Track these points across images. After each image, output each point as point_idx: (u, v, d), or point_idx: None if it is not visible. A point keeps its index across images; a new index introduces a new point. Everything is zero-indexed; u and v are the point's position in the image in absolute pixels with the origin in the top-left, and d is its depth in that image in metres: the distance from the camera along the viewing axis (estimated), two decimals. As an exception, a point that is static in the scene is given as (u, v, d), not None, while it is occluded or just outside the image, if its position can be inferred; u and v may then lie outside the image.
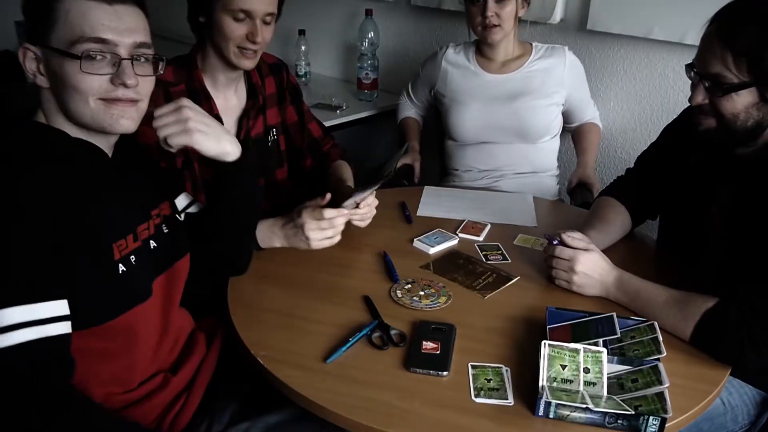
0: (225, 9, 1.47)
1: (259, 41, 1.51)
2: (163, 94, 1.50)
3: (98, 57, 0.98)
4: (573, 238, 1.33)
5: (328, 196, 1.41)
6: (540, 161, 2.09)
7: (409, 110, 2.33)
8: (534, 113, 2.01)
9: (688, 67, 1.26)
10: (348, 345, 1.17)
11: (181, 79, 1.55)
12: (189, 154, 1.57)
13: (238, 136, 1.64)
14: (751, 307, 1.13)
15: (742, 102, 1.18)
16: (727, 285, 1.18)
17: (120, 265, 1.03)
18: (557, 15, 2.28)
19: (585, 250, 1.32)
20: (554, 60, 2.04)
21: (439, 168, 2.29)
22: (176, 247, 1.20)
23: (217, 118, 1.58)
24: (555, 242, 1.34)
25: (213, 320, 1.33)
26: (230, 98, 1.64)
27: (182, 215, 1.27)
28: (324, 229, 1.36)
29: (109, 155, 1.08)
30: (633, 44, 2.18)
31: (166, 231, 1.18)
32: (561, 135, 2.15)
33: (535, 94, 2.02)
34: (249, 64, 1.56)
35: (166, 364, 1.20)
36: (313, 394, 1.06)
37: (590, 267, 1.31)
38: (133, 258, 1.06)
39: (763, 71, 1.14)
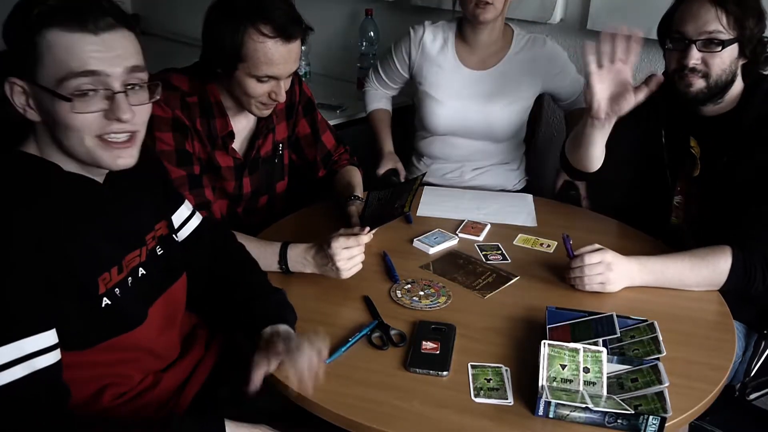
0: (249, 74, 1.41)
1: (282, 98, 1.47)
2: (180, 103, 1.48)
3: (90, 93, 0.93)
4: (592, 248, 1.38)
5: (367, 229, 1.39)
6: (503, 156, 2.09)
7: (380, 100, 2.21)
8: (507, 118, 1.99)
9: (669, 38, 1.44)
10: (348, 345, 1.17)
11: (194, 91, 1.51)
12: (211, 159, 1.56)
13: (248, 155, 1.62)
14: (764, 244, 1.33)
15: (729, 57, 1.39)
16: (707, 232, 1.40)
17: (104, 299, 1.02)
18: (557, 15, 2.28)
19: (601, 249, 1.36)
20: (532, 55, 1.97)
21: (407, 149, 2.26)
22: (170, 270, 1.18)
23: (231, 135, 1.56)
24: (569, 253, 1.38)
25: (215, 317, 1.32)
26: (243, 117, 1.60)
27: (180, 232, 1.24)
28: (353, 256, 1.34)
29: (101, 182, 1.05)
30: (633, 44, 2.18)
31: (160, 253, 1.15)
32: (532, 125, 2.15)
33: (510, 96, 1.97)
34: (268, 113, 1.53)
35: (161, 365, 1.17)
36: (313, 394, 1.06)
37: (618, 262, 1.36)
38: (117, 290, 1.04)
39: (746, 26, 1.36)
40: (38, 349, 0.91)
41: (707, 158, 1.50)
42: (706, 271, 1.35)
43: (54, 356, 0.93)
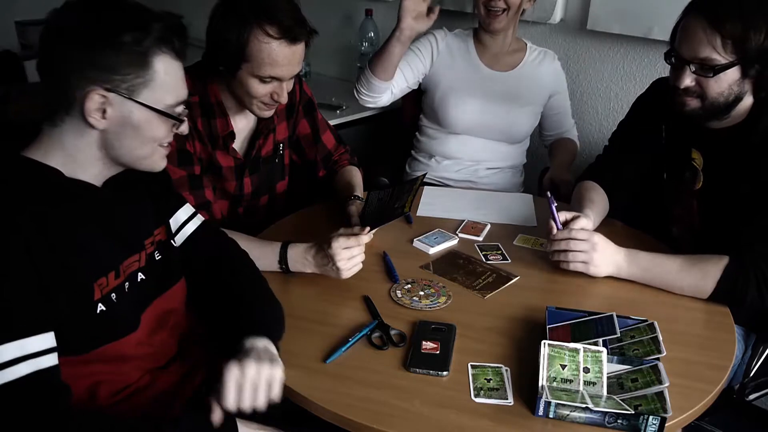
0: (252, 74, 1.42)
1: (284, 100, 1.48)
2: None
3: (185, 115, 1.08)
4: (580, 225, 1.41)
5: (367, 229, 1.39)
6: (513, 159, 2.16)
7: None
8: (525, 119, 2.08)
9: (668, 54, 1.40)
10: (348, 345, 1.17)
11: (195, 91, 1.50)
12: (212, 159, 1.56)
13: (249, 155, 1.62)
14: (763, 259, 1.28)
15: (727, 80, 1.32)
16: (710, 244, 1.35)
17: (99, 304, 1.03)
18: (557, 15, 2.28)
19: (593, 232, 1.39)
20: (545, 65, 2.10)
21: (404, 149, 2.25)
22: (168, 274, 1.18)
23: (232, 135, 1.56)
24: (556, 222, 1.40)
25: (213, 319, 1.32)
26: (243, 117, 1.60)
27: (177, 236, 1.24)
28: (353, 256, 1.34)
29: (99, 186, 1.06)
30: (633, 44, 2.18)
31: (158, 258, 1.16)
32: (532, 137, 2.22)
33: (527, 98, 2.07)
34: (269, 114, 1.53)
35: (157, 364, 1.17)
36: (312, 394, 1.06)
37: (606, 246, 1.38)
38: (113, 296, 1.05)
39: (747, 50, 1.28)
40: (41, 350, 0.92)
41: (711, 171, 1.46)
42: (694, 277, 1.32)
43: (55, 358, 0.94)
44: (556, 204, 1.41)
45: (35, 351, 0.91)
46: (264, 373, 1.00)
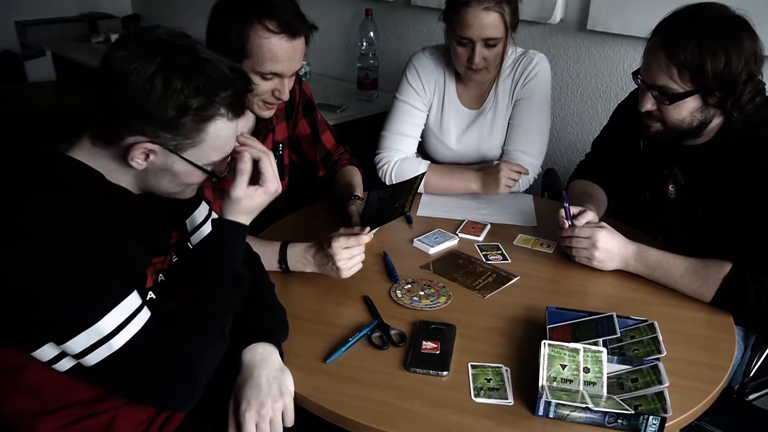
0: (253, 71, 1.41)
1: (285, 96, 1.47)
2: None
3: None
4: (586, 219, 1.44)
5: (367, 229, 1.38)
6: None
7: (416, 158, 1.90)
8: (497, 143, 1.91)
9: (635, 75, 1.40)
10: (348, 345, 1.17)
11: None
12: None
13: None
14: (762, 271, 1.27)
15: (687, 108, 1.32)
16: (699, 250, 1.35)
17: (149, 292, 1.07)
18: (557, 15, 2.28)
19: (598, 227, 1.41)
20: (517, 74, 1.84)
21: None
22: (182, 276, 1.18)
23: None
24: (567, 218, 1.43)
25: None
26: (242, 117, 1.59)
27: (194, 237, 1.24)
28: (353, 256, 1.34)
29: (135, 192, 1.09)
30: (633, 44, 2.18)
31: (175, 260, 1.17)
32: None
33: (498, 122, 1.89)
34: (269, 114, 1.53)
35: None
36: (313, 394, 1.06)
37: (609, 243, 1.40)
38: (151, 294, 1.08)
39: (704, 80, 1.27)
40: (138, 305, 0.98)
41: (690, 184, 1.48)
42: (696, 283, 1.32)
43: (148, 311, 1.00)
44: (569, 202, 1.45)
45: (136, 308, 0.97)
46: (278, 408, 1.05)
